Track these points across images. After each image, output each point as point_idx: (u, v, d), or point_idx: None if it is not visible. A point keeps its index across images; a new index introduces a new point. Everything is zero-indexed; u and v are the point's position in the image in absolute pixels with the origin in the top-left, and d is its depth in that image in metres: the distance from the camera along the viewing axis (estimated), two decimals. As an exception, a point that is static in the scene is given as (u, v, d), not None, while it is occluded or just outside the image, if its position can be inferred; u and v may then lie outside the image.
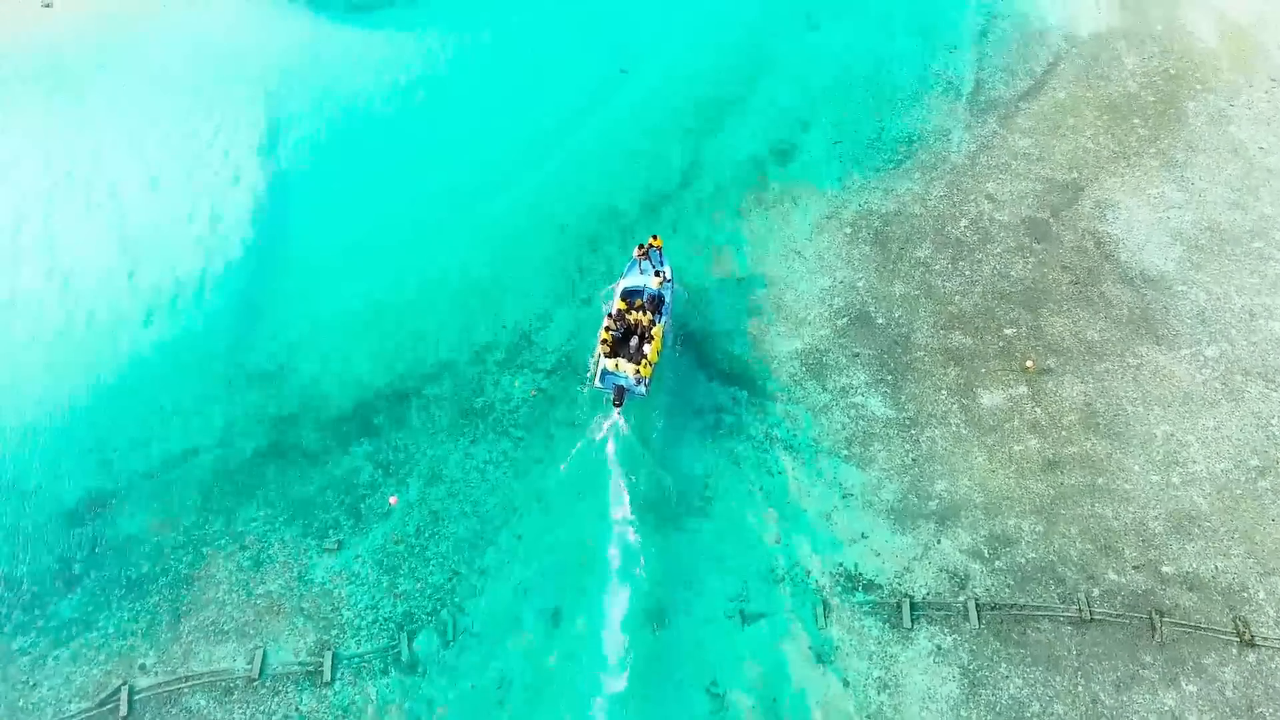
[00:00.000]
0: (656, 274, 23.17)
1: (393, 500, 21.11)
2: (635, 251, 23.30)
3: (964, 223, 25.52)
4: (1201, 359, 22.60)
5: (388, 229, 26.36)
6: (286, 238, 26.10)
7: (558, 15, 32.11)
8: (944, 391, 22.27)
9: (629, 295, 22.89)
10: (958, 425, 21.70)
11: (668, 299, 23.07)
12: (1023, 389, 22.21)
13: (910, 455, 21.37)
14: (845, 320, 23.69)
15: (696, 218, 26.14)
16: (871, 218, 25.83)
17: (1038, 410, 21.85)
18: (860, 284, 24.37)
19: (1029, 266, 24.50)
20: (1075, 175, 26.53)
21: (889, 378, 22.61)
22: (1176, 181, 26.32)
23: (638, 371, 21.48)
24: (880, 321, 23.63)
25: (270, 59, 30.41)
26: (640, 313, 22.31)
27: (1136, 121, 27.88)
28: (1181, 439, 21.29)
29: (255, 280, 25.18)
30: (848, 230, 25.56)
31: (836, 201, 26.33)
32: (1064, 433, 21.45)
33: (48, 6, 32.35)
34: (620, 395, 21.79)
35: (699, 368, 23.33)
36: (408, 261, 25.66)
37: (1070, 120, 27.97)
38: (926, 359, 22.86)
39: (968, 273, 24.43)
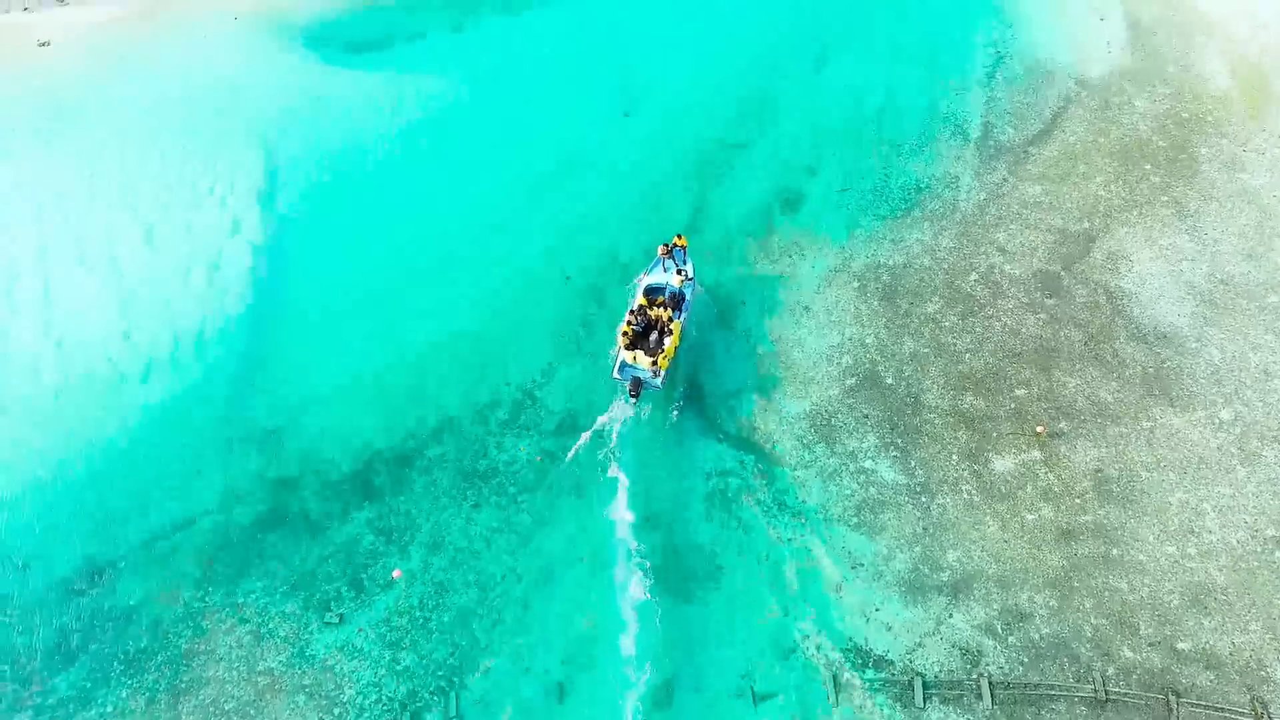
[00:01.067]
0: (678, 272, 24.19)
1: (396, 574, 20.95)
2: (659, 250, 24.26)
3: (974, 276, 25.35)
4: (1216, 422, 22.43)
5: (388, 282, 26.19)
6: (285, 292, 25.91)
7: (559, 56, 31.98)
8: (955, 456, 22.10)
9: (651, 292, 24.08)
10: (969, 492, 21.54)
11: (688, 297, 24.15)
12: (1035, 454, 22.05)
13: (921, 524, 21.21)
14: (854, 380, 23.52)
15: (702, 269, 25.93)
16: (880, 270, 25.67)
17: (1050, 476, 21.68)
18: (869, 341, 24.20)
19: (1040, 323, 24.33)
20: (1087, 225, 26.37)
21: (899, 441, 22.44)
22: (1189, 231, 26.15)
23: (655, 364, 22.61)
24: (890, 381, 23.46)
25: (269, 102, 30.23)
26: (661, 309, 23.47)
27: (1148, 168, 27.71)
28: (1197, 507, 21.13)
29: (254, 337, 24.99)
30: (856, 284, 25.39)
31: (844, 253, 26.17)
32: (1077, 500, 21.29)
33: (44, 45, 32.20)
34: (637, 387, 22.80)
35: (706, 430, 23.16)
36: (408, 316, 25.49)
37: (1081, 167, 27.80)
38: (937, 421, 22.70)
39: (978, 329, 24.27)
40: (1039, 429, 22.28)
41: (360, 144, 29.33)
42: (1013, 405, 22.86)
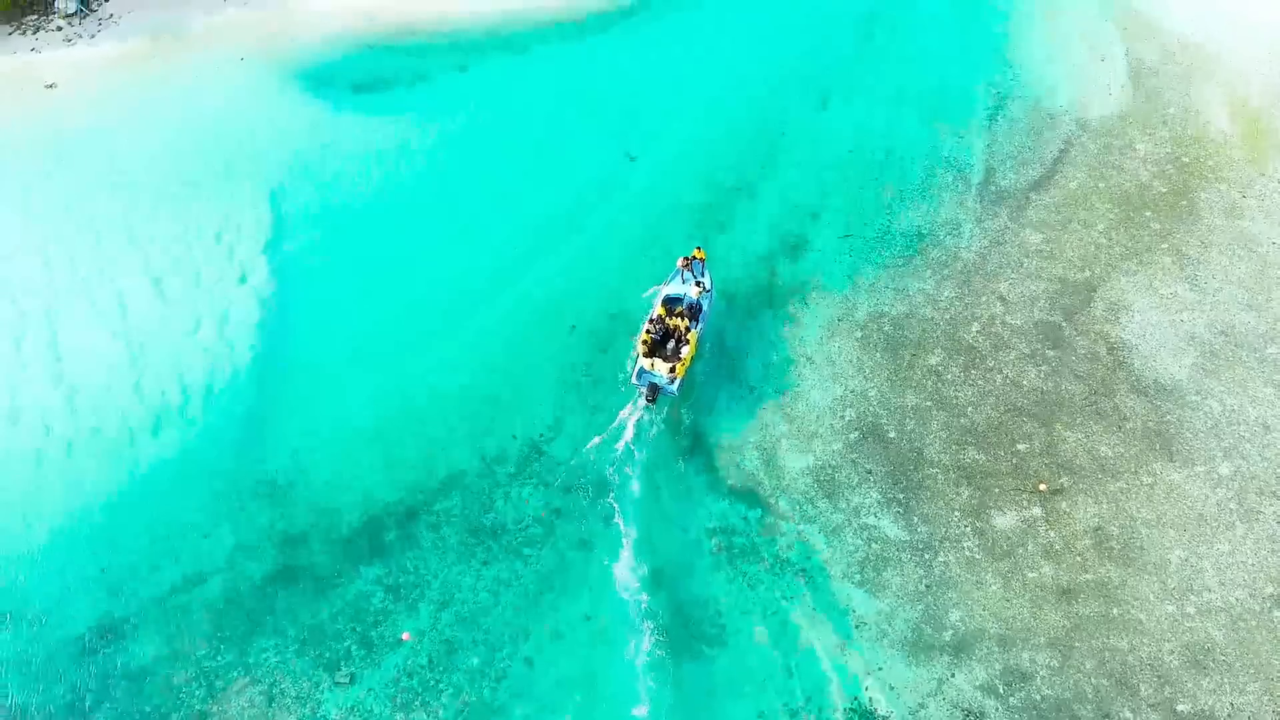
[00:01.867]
0: (697, 284, 25.41)
1: (405, 637, 21.30)
2: (679, 262, 25.67)
3: (976, 327, 25.72)
4: (1216, 477, 22.81)
5: (393, 331, 26.53)
6: (292, 342, 26.24)
7: (564, 98, 32.38)
8: (957, 512, 22.48)
9: (669, 302, 25.39)
10: (971, 550, 21.91)
11: (705, 308, 25.35)
12: (1036, 510, 22.42)
13: (924, 581, 21.57)
14: (857, 434, 23.89)
15: (707, 321, 26.26)
16: (883, 320, 26.03)
17: (1051, 533, 22.06)
18: (872, 394, 24.57)
19: (1041, 375, 24.70)
20: (1088, 274, 26.74)
21: (901, 497, 22.82)
22: (1189, 280, 26.53)
23: (672, 371, 23.67)
24: (892, 435, 23.83)
25: (275, 146, 30.59)
26: (679, 319, 24.68)
27: (1149, 215, 28.08)
28: (1196, 565, 21.50)
29: (262, 388, 25.31)
30: (859, 334, 25.76)
31: (847, 301, 26.54)
32: (1078, 558, 21.66)
33: (51, 87, 32.53)
34: (654, 392, 24.09)
35: (712, 483, 23.52)
36: (414, 366, 25.83)
37: (1082, 213, 28.17)
38: (939, 476, 23.07)
39: (980, 382, 24.64)
40: (1041, 485, 22.66)
41: (365, 189, 29.69)
42: (1014, 460, 23.24)
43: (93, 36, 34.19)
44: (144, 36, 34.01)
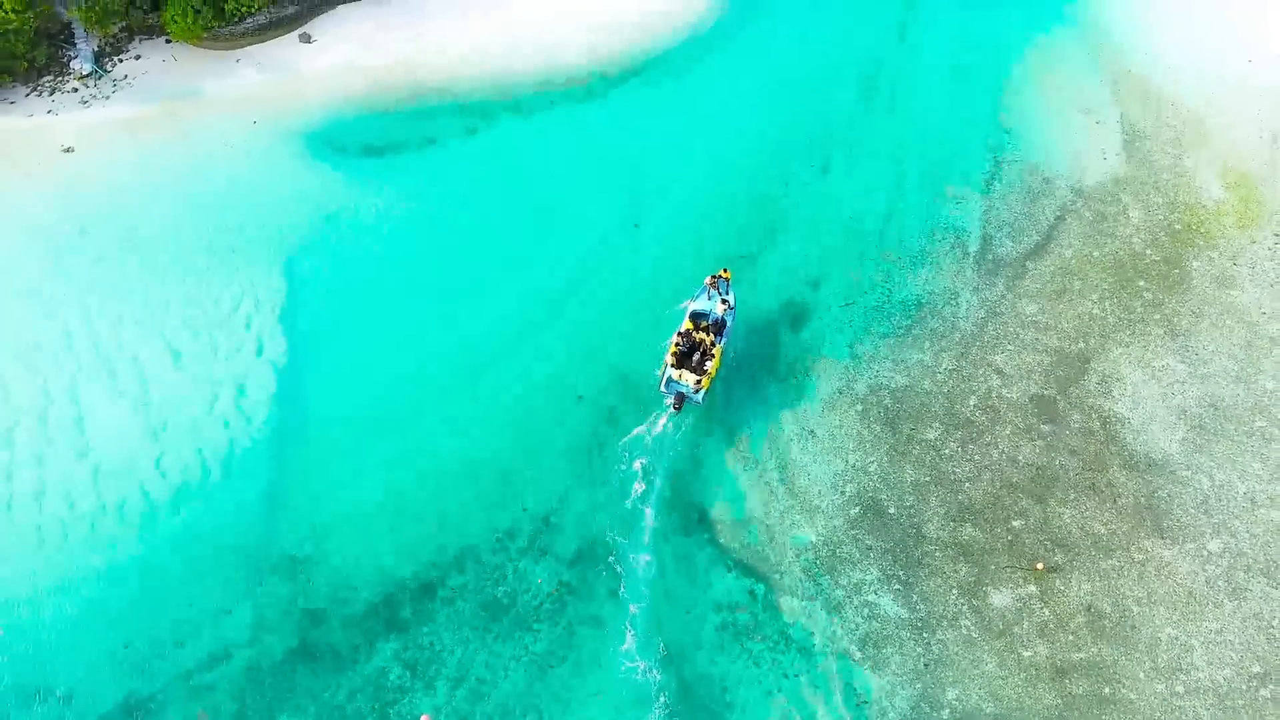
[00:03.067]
0: (723, 301, 27.29)
1: (424, 719, 22.16)
2: (706, 280, 27.59)
3: (973, 401, 26.60)
4: (1205, 554, 23.70)
5: (406, 405, 27.37)
6: (308, 415, 27.11)
7: (569, 163, 33.19)
8: (955, 590, 23.36)
9: (696, 317, 27.28)
10: (968, 628, 22.79)
11: (729, 324, 27.23)
12: (1031, 588, 23.31)
13: (922, 660, 22.45)
14: (857, 509, 24.78)
15: (711, 390, 27.13)
16: (882, 393, 26.90)
17: (1046, 611, 22.94)
18: (872, 469, 25.45)
19: (1037, 450, 25.59)
20: (1082, 345, 27.62)
21: (901, 574, 23.70)
22: (1180, 352, 27.40)
23: (698, 383, 25.67)
24: (892, 511, 24.72)
25: (288, 213, 31.43)
26: (705, 333, 26.51)
27: (1142, 284, 28.95)
28: (1185, 643, 22.39)
29: (280, 462, 26.19)
30: (859, 407, 26.63)
31: (848, 373, 27.40)
32: (1071, 636, 22.55)
33: (68, 151, 33.38)
34: (680, 401, 26.06)
35: (717, 558, 24.40)
36: (426, 439, 26.72)
37: (1077, 283, 29.05)
38: (937, 554, 23.96)
39: (977, 457, 25.52)
40: (1037, 565, 23.53)
41: (377, 257, 30.56)
42: (1010, 538, 24.13)
43: (108, 98, 35.03)
44: (158, 100, 34.88)
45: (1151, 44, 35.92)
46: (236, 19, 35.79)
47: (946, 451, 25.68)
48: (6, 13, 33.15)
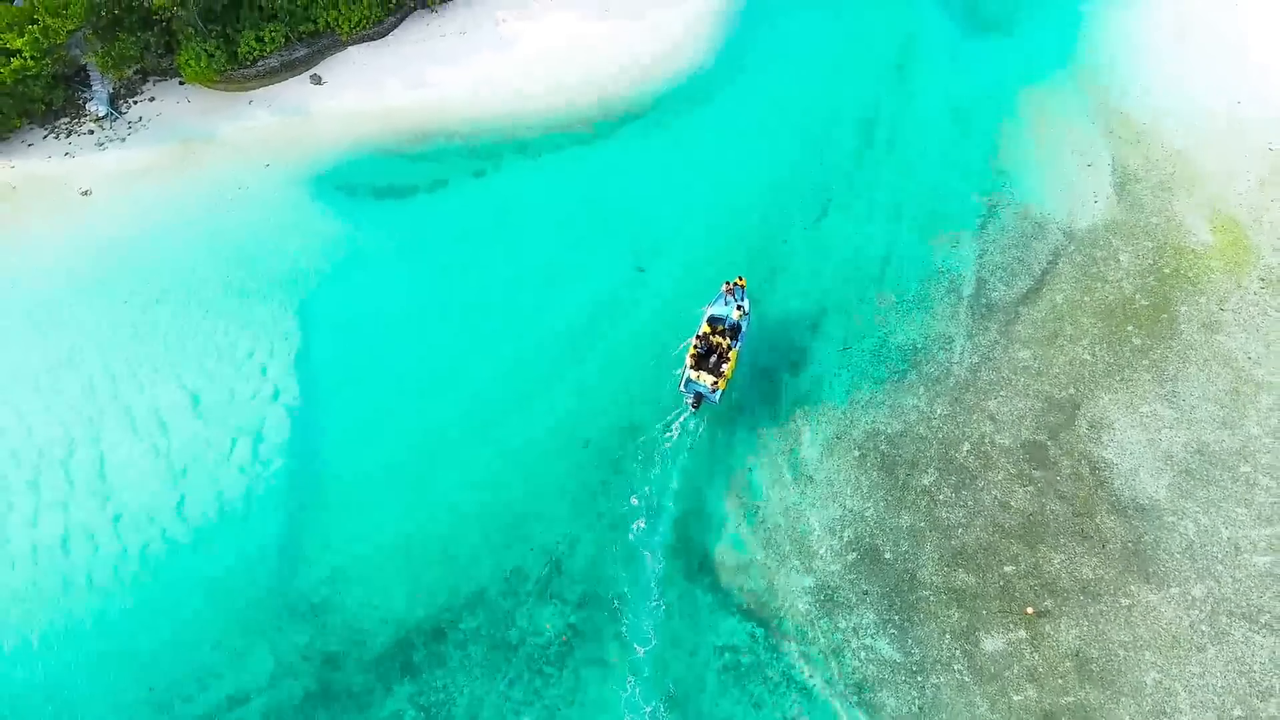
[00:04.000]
0: (738, 307, 29.02)
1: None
2: (723, 286, 29.36)
3: (966, 446, 27.54)
4: (1189, 599, 24.64)
5: (417, 450, 28.31)
6: (322, 461, 28.07)
7: (574, 206, 34.15)
8: (948, 635, 24.31)
9: (713, 320, 29.05)
10: (960, 672, 23.74)
11: (744, 328, 28.96)
12: (1022, 633, 24.26)
13: (917, 703, 23.41)
14: (855, 554, 25.73)
15: (714, 436, 28.11)
16: (879, 439, 27.84)
17: (1035, 656, 23.89)
18: (869, 514, 26.40)
19: (1028, 496, 26.53)
20: (1072, 391, 28.54)
21: (896, 618, 24.65)
22: (1168, 398, 28.32)
23: (715, 383, 27.37)
24: (888, 556, 25.67)
25: (302, 256, 32.45)
26: (721, 337, 28.31)
27: (1131, 329, 29.87)
28: (1169, 686, 23.34)
29: (296, 506, 27.17)
30: (856, 453, 27.57)
31: (845, 419, 28.33)
32: (1060, 680, 23.50)
33: (86, 194, 34.38)
34: (698, 400, 27.93)
35: (720, 603, 25.34)
36: (438, 485, 27.65)
37: (1068, 328, 29.97)
38: (931, 599, 24.90)
39: (970, 503, 26.46)
40: (1027, 609, 24.48)
41: (388, 301, 31.52)
42: (1001, 583, 25.07)
43: (124, 140, 36.03)
44: (173, 142, 35.90)
45: (1143, 85, 36.84)
46: (249, 62, 36.75)
47: (941, 497, 26.63)
48: (25, 59, 34.13)
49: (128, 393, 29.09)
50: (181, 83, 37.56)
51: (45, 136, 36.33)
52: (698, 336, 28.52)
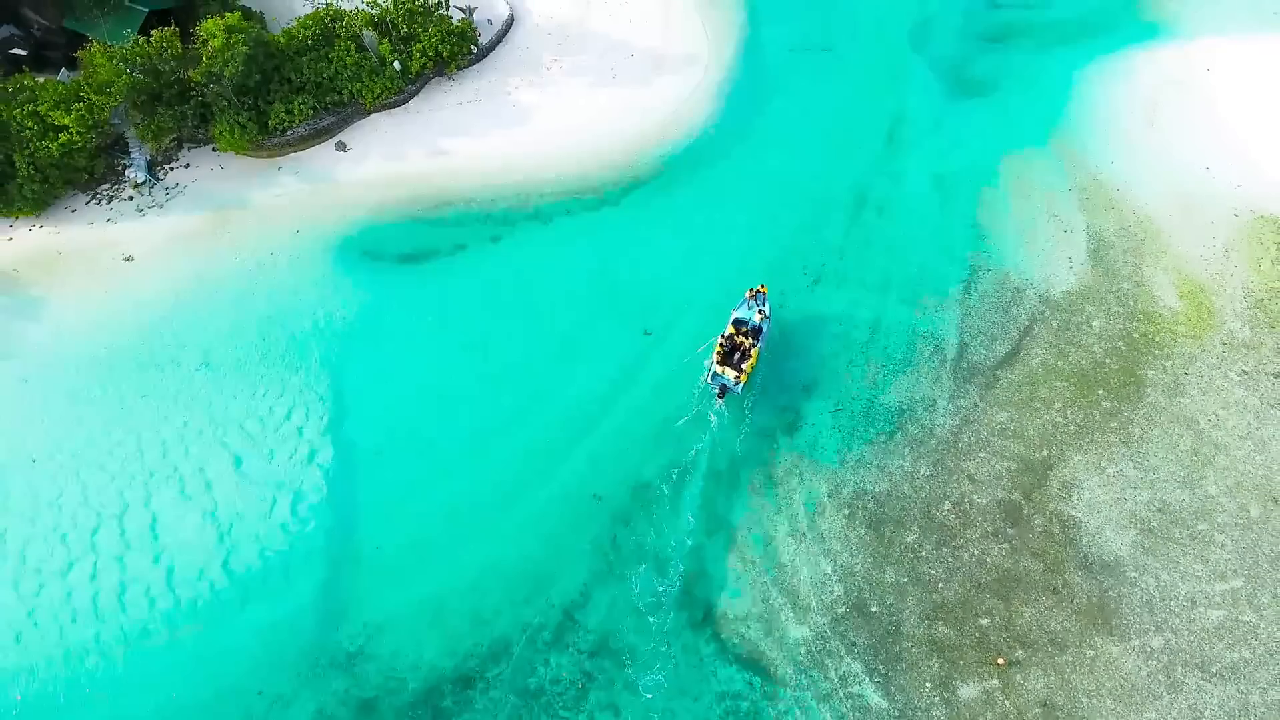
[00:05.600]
0: (760, 311, 33.16)
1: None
2: (747, 293, 33.74)
3: (947, 505, 30.14)
4: (1148, 650, 27.23)
5: (444, 509, 30.86)
6: (357, 519, 30.66)
7: (584, 268, 36.78)
8: (928, 684, 26.91)
9: (738, 323, 33.11)
10: (939, 718, 26.33)
11: (765, 330, 33.15)
12: (995, 681, 26.86)
13: (900, 747, 26.04)
14: (844, 608, 28.33)
15: (716, 493, 30.69)
16: (866, 498, 30.44)
17: (1007, 703, 26.49)
18: (857, 570, 29.00)
19: (1003, 553, 29.12)
20: (1045, 453, 31.15)
21: (881, 668, 27.25)
22: (1134, 459, 30.92)
23: (738, 377, 31.36)
24: (874, 609, 28.27)
25: (332, 321, 35.05)
26: (744, 337, 32.39)
27: (1101, 393, 32.47)
28: (1128, 732, 25.95)
29: (333, 562, 29.75)
30: (846, 511, 30.17)
31: (837, 478, 30.93)
32: (1029, 726, 26.13)
33: (129, 260, 36.99)
34: (723, 391, 32.00)
35: (720, 652, 27.91)
36: (464, 542, 30.21)
37: (1043, 391, 32.57)
38: (913, 649, 27.50)
39: (949, 560, 29.06)
40: (999, 660, 27.08)
41: (414, 365, 34.13)
42: (977, 635, 27.67)
43: (162, 207, 38.67)
44: (209, 208, 38.53)
45: (1116, 153, 39.50)
46: (279, 131, 39.38)
47: (923, 553, 29.23)
48: (72, 134, 36.76)
49: (175, 455, 31.72)
50: (215, 149, 40.19)
51: (88, 202, 38.96)
52: (723, 336, 32.51)
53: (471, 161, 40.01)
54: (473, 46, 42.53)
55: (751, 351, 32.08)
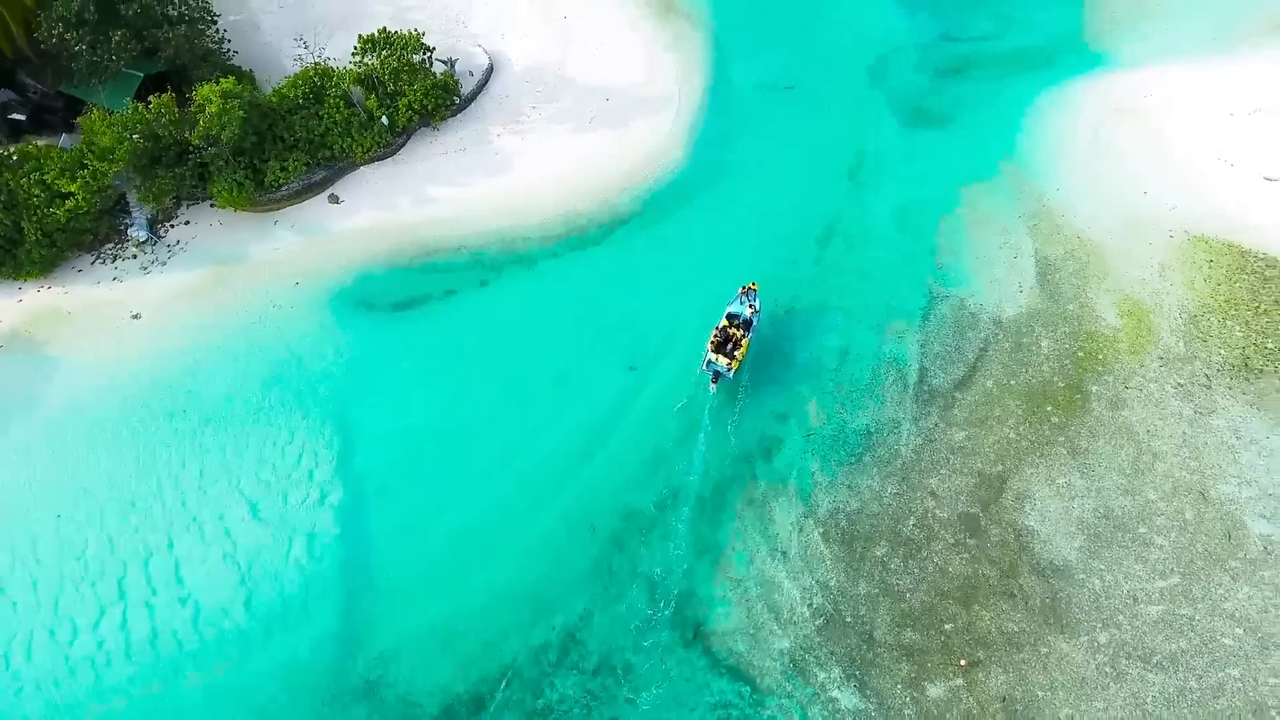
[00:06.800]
0: (750, 306, 37.43)
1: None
2: (740, 289, 37.92)
3: (912, 520, 33.30)
4: (1095, 645, 30.51)
5: (451, 541, 33.59)
6: (369, 552, 33.32)
7: (569, 308, 39.57)
8: (900, 686, 30.02)
9: (730, 316, 37.34)
10: (910, 717, 29.45)
11: (755, 323, 37.44)
12: (959, 681, 30.01)
13: (876, 744, 29.14)
14: (822, 620, 31.39)
15: (701, 520, 33.65)
16: (839, 516, 33.53)
17: (971, 700, 29.65)
18: (832, 584, 32.07)
19: (964, 562, 32.31)
20: (1000, 468, 34.40)
21: (857, 674, 30.33)
22: (1080, 469, 34.24)
23: (730, 364, 35.52)
24: (849, 620, 31.35)
25: (334, 368, 37.64)
26: (737, 329, 36.56)
27: (1049, 409, 35.79)
28: (1078, 721, 29.21)
29: (350, 597, 32.39)
30: (821, 530, 33.25)
31: (812, 499, 34.00)
32: (990, 720, 29.33)
33: (136, 318, 39.34)
34: (716, 378, 36.01)
35: (713, 665, 30.86)
36: (472, 571, 32.95)
37: (997, 410, 35.84)
38: (885, 655, 30.61)
39: (916, 571, 32.20)
40: (962, 662, 30.24)
41: (414, 407, 36.80)
42: (942, 639, 30.82)
43: (165, 264, 41.05)
44: (210, 264, 40.98)
45: (1062, 180, 42.96)
46: (275, 188, 41.89)
47: (892, 566, 32.35)
48: (79, 201, 39.09)
49: (194, 502, 34.20)
50: (213, 205, 42.60)
51: (93, 262, 41.25)
52: (717, 329, 36.49)
53: (459, 209, 42.74)
54: (455, 98, 45.22)
55: (743, 342, 36.35)
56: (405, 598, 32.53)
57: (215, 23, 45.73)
